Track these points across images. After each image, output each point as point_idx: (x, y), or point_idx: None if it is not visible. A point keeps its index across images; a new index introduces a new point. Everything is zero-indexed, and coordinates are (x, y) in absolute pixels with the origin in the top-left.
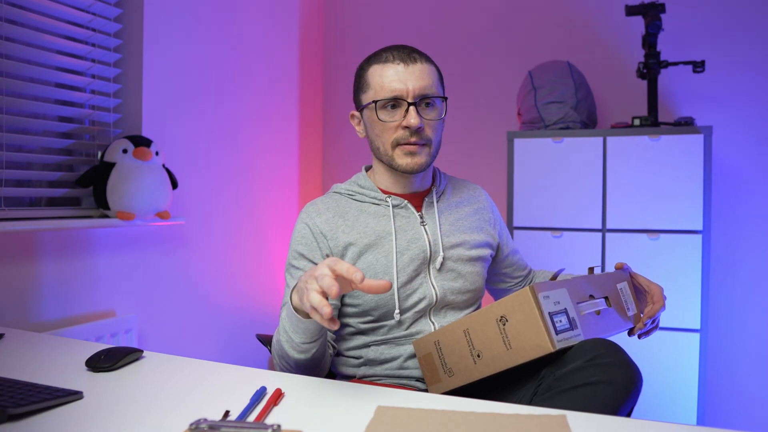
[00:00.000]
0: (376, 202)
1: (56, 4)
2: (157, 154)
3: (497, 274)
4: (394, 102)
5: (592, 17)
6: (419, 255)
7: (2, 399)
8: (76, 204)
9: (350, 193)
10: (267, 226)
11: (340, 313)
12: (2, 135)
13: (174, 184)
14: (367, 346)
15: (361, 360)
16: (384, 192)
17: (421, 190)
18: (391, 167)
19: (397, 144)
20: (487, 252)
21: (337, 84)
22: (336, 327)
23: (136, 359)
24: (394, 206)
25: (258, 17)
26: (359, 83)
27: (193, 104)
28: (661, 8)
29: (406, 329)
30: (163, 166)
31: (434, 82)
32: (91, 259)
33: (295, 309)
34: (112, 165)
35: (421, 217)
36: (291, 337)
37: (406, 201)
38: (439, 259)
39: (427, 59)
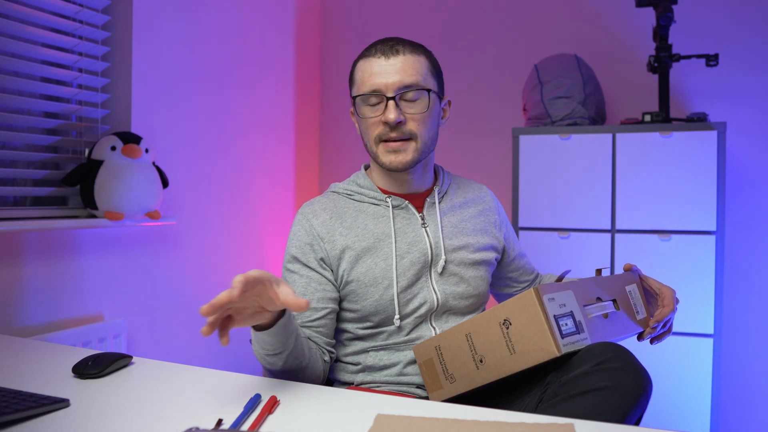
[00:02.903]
0: (376, 202)
1: None
2: (146, 151)
3: (503, 279)
4: (375, 97)
5: (601, 9)
6: (420, 258)
7: None
8: (63, 203)
9: (349, 192)
10: (262, 226)
11: (338, 318)
12: None
13: (164, 183)
14: (365, 351)
15: (359, 366)
16: (384, 192)
17: (422, 190)
18: (379, 165)
19: (380, 140)
20: (491, 255)
21: (334, 78)
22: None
23: (125, 365)
24: (394, 207)
25: (253, 8)
26: (350, 80)
27: (185, 99)
28: None
29: (406, 335)
30: (153, 164)
31: (418, 74)
32: (78, 261)
33: None
34: (99, 163)
35: (423, 219)
36: (255, 347)
37: (406, 201)
38: (441, 263)
39: (414, 50)
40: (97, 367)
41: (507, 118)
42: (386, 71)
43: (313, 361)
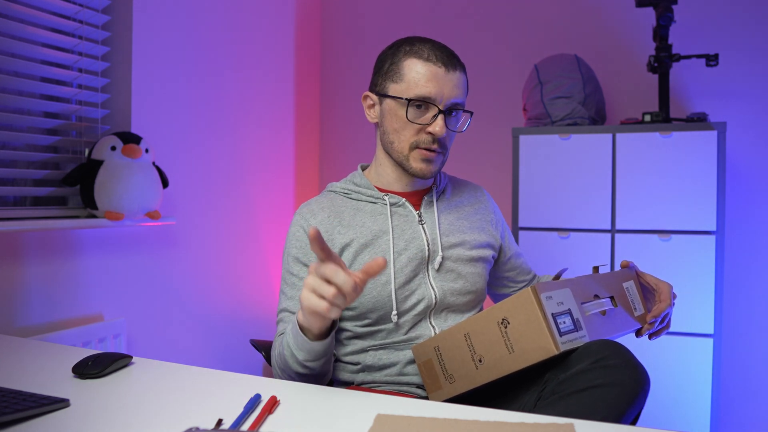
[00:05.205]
0: (373, 200)
1: None
2: (146, 151)
3: (500, 278)
4: (424, 103)
5: (601, 8)
6: (417, 255)
7: None
8: (63, 203)
9: (346, 191)
10: (261, 226)
11: None
12: None
13: (164, 183)
14: (365, 351)
15: (359, 366)
16: (381, 190)
17: (421, 189)
18: (402, 167)
19: (416, 146)
20: (488, 253)
21: (334, 78)
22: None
23: (125, 365)
24: (391, 204)
25: (253, 8)
26: (391, 70)
27: (185, 99)
28: None
29: (405, 333)
30: (153, 164)
31: (465, 93)
32: (78, 261)
33: (301, 328)
34: (99, 163)
35: (420, 216)
36: (295, 353)
37: (403, 199)
38: (438, 259)
39: (463, 68)
40: (97, 367)
41: (507, 118)
42: (445, 83)
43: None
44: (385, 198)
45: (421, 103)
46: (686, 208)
